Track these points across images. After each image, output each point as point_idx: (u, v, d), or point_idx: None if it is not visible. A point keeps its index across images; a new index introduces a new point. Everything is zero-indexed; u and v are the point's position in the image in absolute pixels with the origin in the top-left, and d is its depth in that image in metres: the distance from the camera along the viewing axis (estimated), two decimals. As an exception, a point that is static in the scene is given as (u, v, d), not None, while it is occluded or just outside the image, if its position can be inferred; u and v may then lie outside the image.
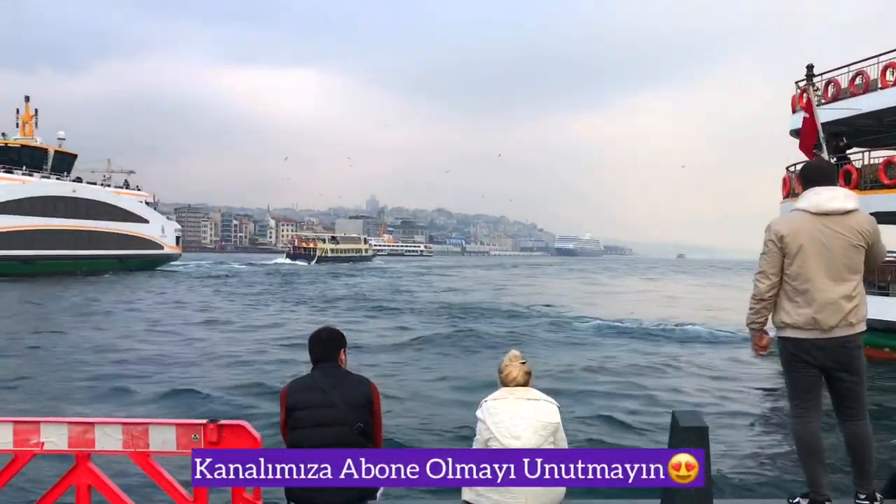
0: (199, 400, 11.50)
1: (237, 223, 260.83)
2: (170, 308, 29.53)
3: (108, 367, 14.82)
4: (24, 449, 3.08)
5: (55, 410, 10.25)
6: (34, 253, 54.66)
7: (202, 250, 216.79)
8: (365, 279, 61.34)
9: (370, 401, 3.73)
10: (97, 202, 63.22)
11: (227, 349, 17.49)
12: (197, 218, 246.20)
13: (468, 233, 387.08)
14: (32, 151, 60.21)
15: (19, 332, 21.13)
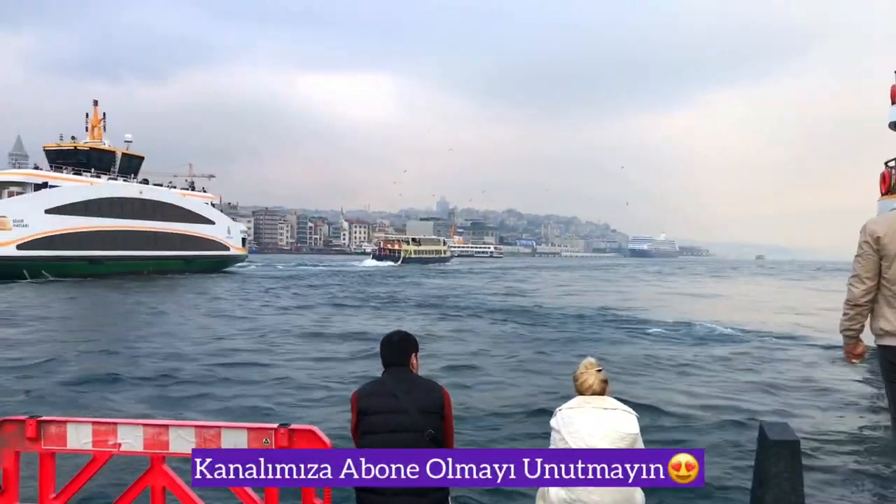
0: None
1: (312, 225, 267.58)
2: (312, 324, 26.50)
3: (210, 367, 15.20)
4: (103, 450, 3.15)
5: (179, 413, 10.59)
6: (102, 253, 56.57)
7: (279, 251, 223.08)
8: (459, 280, 61.37)
9: (441, 407, 3.66)
10: (163, 203, 64.97)
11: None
12: (274, 221, 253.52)
13: (538, 234, 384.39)
14: (101, 154, 62.45)
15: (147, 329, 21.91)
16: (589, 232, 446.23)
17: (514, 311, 28.92)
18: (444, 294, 40.60)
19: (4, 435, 3.19)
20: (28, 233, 50.67)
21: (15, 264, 49.29)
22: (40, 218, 51.58)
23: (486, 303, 33.87)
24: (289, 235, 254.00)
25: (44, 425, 3.19)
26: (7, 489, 3.20)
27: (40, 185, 53.29)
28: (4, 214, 49.74)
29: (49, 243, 51.79)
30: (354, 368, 14.55)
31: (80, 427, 3.19)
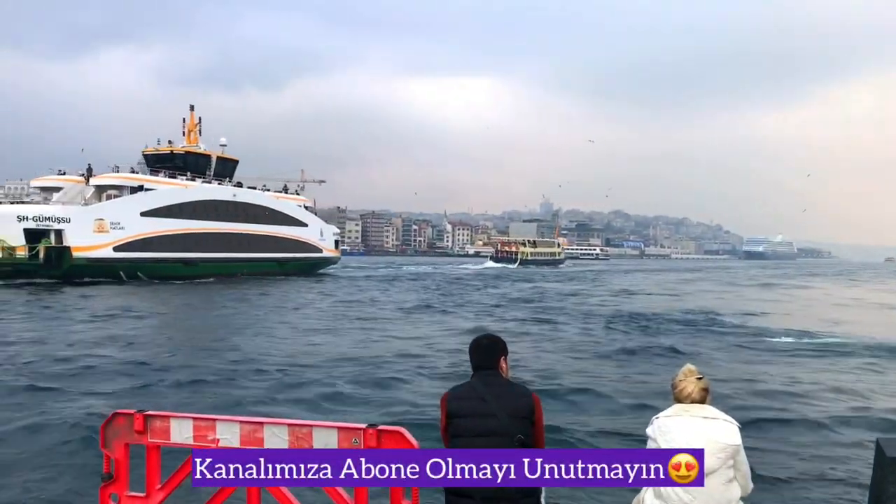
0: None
1: (416, 228, 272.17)
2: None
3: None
4: (202, 444, 3.27)
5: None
6: (196, 255, 58.22)
7: (385, 253, 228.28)
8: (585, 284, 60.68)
9: (532, 412, 3.62)
10: (257, 206, 66.32)
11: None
12: (380, 223, 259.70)
13: (647, 235, 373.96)
14: (197, 157, 64.41)
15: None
16: (700, 233, 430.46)
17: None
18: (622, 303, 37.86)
19: (115, 427, 3.41)
20: (124, 235, 52.88)
21: (112, 265, 51.61)
22: (136, 220, 53.87)
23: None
24: (394, 238, 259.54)
25: (150, 419, 3.38)
26: (118, 478, 3.41)
27: (136, 188, 55.61)
28: (102, 217, 51.99)
29: (144, 245, 54.08)
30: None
31: (182, 422, 3.36)
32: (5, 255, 46.83)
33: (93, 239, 50.66)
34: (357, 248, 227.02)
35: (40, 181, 56.50)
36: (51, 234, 48.59)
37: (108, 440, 3.48)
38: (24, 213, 48.50)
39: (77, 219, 50.27)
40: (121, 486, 3.48)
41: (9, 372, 14.86)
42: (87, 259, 49.98)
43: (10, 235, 47.07)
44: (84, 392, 12.89)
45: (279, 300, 37.69)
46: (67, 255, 48.80)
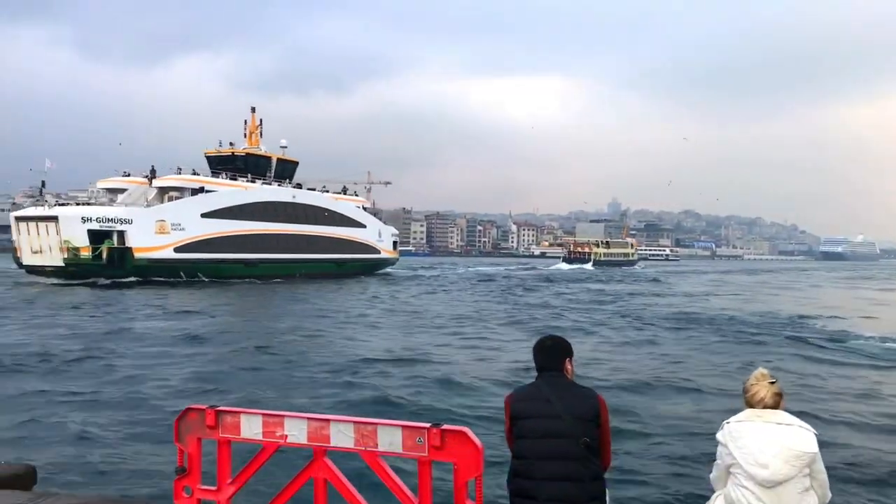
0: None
1: (481, 228, 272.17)
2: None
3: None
4: (271, 440, 3.37)
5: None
6: (255, 256, 59.06)
7: (449, 254, 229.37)
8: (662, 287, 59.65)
9: (597, 415, 3.57)
10: (315, 207, 66.86)
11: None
12: (445, 224, 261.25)
13: (718, 235, 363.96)
14: (257, 159, 65.25)
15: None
16: (774, 233, 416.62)
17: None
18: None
19: (188, 422, 3.51)
20: (185, 236, 53.84)
21: (173, 266, 52.67)
22: (196, 221, 54.78)
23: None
24: (459, 238, 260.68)
25: (221, 415, 3.47)
26: (191, 471, 3.50)
27: (197, 189, 56.63)
28: (163, 218, 53.10)
29: (204, 246, 54.92)
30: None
31: (252, 418, 3.45)
32: (70, 256, 48.24)
33: (154, 240, 51.93)
34: (422, 249, 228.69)
35: (106, 183, 58.05)
36: (114, 235, 50.01)
37: (181, 434, 3.61)
38: (88, 215, 49.76)
39: (139, 220, 51.64)
40: (193, 480, 3.60)
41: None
42: (149, 260, 51.28)
43: (75, 236, 48.48)
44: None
45: (364, 299, 38.04)
46: (129, 255, 50.18)
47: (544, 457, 3.58)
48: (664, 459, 9.13)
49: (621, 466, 8.32)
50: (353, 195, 76.49)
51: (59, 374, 15.52)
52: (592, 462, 3.59)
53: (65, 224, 48.45)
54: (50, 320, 25.59)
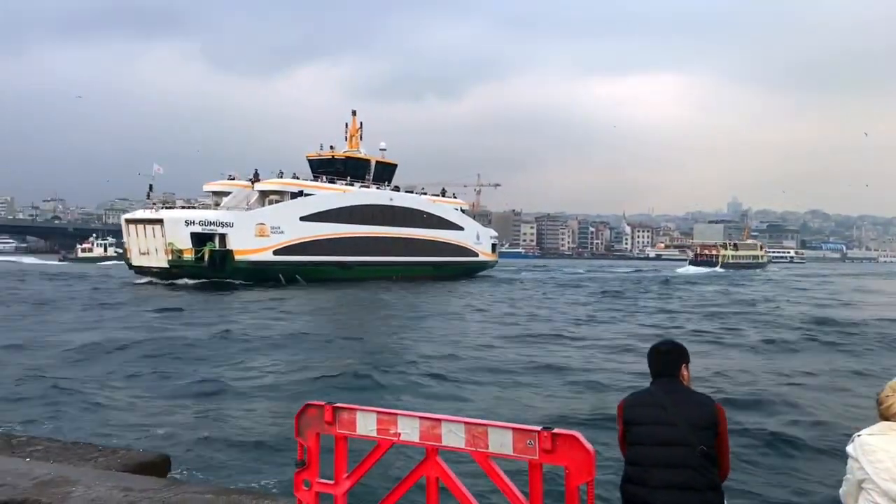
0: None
1: (593, 230, 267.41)
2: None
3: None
4: (385, 437, 3.48)
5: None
6: (352, 259, 59.88)
7: (560, 256, 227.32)
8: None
9: (715, 423, 3.48)
10: (413, 210, 67.18)
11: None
12: (555, 226, 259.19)
13: (849, 236, 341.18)
14: (356, 162, 66.22)
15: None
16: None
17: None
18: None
19: (307, 417, 3.67)
20: (284, 239, 55.13)
21: (272, 268, 53.96)
22: (295, 224, 55.98)
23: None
24: (570, 240, 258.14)
25: (338, 411, 3.60)
26: (310, 465, 3.65)
27: (296, 193, 57.90)
28: (263, 222, 54.43)
29: (303, 249, 56.12)
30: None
31: (367, 415, 3.58)
32: (174, 258, 50.28)
33: (254, 242, 53.33)
34: (532, 251, 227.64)
35: (212, 186, 60.39)
36: (215, 238, 51.68)
37: (301, 429, 3.77)
38: (191, 218, 51.73)
39: (239, 223, 53.14)
40: (312, 473, 3.76)
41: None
42: (249, 262, 52.66)
43: (179, 239, 50.47)
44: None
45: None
46: (230, 258, 51.70)
47: (659, 464, 3.52)
48: (786, 474, 8.69)
49: (738, 479, 7.98)
50: (451, 197, 76.64)
51: (200, 364, 16.58)
52: (710, 471, 3.50)
53: (169, 227, 50.58)
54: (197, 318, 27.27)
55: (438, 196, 74.51)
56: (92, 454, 6.71)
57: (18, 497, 5.18)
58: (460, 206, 76.27)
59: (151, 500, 5.10)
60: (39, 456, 6.52)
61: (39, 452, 6.67)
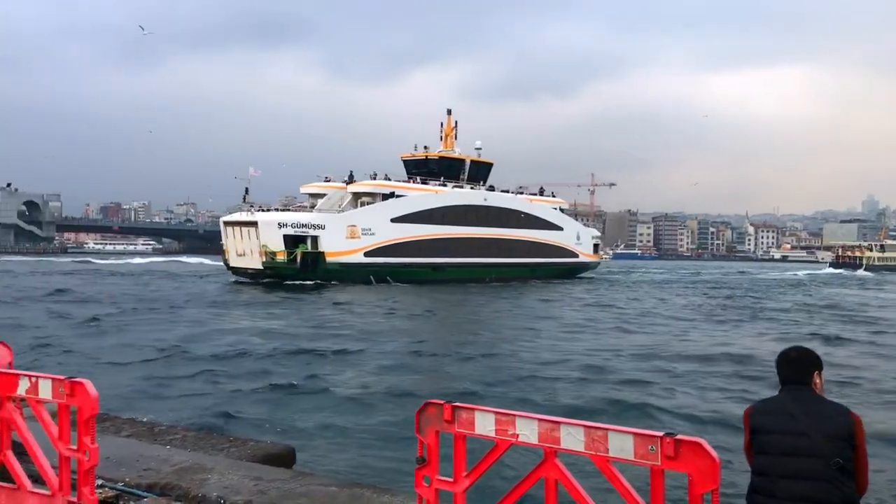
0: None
1: (714, 231, 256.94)
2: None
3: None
4: (503, 438, 3.53)
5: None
6: (444, 260, 59.52)
7: (679, 257, 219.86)
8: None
9: (851, 434, 3.31)
10: (508, 210, 66.17)
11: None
12: (673, 226, 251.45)
13: None
14: (450, 162, 65.85)
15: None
16: None
17: None
18: None
19: (427, 415, 3.77)
20: (375, 240, 55.54)
21: (363, 270, 54.45)
22: (386, 226, 56.26)
23: None
24: (689, 241, 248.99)
25: (457, 410, 3.66)
26: (430, 462, 3.73)
27: (388, 194, 58.19)
28: (354, 223, 55.00)
29: (393, 250, 56.37)
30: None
31: (486, 415, 3.64)
32: (268, 259, 51.25)
33: (345, 244, 53.96)
34: (649, 252, 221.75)
35: (308, 188, 61.69)
36: (307, 240, 52.52)
37: (421, 427, 3.87)
38: (284, 220, 52.79)
39: (331, 225, 53.90)
40: (432, 470, 3.85)
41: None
42: (340, 264, 53.31)
43: (272, 241, 51.40)
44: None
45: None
46: (322, 259, 52.49)
47: (788, 475, 3.40)
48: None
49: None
50: (550, 196, 75.19)
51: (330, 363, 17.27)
52: (846, 485, 3.34)
53: (263, 229, 51.63)
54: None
55: (536, 195, 73.04)
56: (223, 444, 7.18)
57: (161, 481, 5.59)
58: (559, 206, 74.51)
59: (279, 490, 5.39)
60: (177, 444, 7.04)
61: (178, 441, 7.19)
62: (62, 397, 4.49)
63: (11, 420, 4.84)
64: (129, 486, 5.51)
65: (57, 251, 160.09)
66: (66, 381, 4.47)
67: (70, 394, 4.44)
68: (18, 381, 4.72)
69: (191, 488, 5.51)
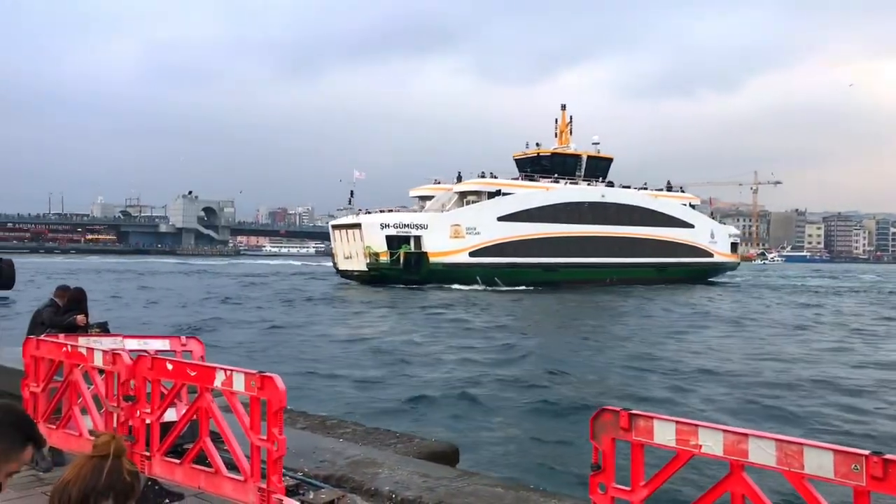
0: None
1: (895, 231, 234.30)
2: None
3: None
4: (685, 448, 3.40)
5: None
6: (556, 260, 57.74)
7: (853, 260, 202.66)
8: None
9: None
10: (629, 206, 63.27)
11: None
12: (847, 226, 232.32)
13: None
14: (564, 158, 63.83)
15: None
16: None
17: None
18: None
19: (602, 422, 3.71)
20: (480, 240, 54.67)
21: (468, 270, 53.69)
22: (492, 225, 55.31)
23: None
24: (866, 242, 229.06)
25: (634, 418, 3.58)
26: (605, 468, 3.66)
27: (494, 193, 57.16)
28: (458, 223, 54.29)
29: (500, 250, 55.25)
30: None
31: (665, 424, 3.54)
32: (371, 261, 51.60)
33: (449, 244, 53.44)
34: (818, 254, 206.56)
35: (417, 191, 61.69)
36: (410, 241, 52.46)
37: (596, 433, 3.81)
38: (386, 221, 52.99)
39: (434, 225, 53.57)
40: (608, 477, 3.77)
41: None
42: (444, 264, 52.88)
43: (375, 242, 51.71)
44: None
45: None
46: (425, 260, 52.27)
47: None
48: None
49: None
50: (678, 191, 71.33)
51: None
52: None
53: (366, 230, 52.13)
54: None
55: (662, 191, 69.19)
56: (391, 440, 7.45)
57: (336, 473, 5.88)
58: (689, 201, 70.25)
59: (447, 488, 5.52)
60: (348, 437, 7.39)
61: (348, 434, 7.55)
62: (253, 390, 4.77)
63: (210, 410, 5.32)
64: (308, 477, 5.84)
65: (231, 253, 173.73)
66: (257, 375, 4.75)
67: (260, 387, 4.71)
68: (215, 374, 5.09)
69: (364, 481, 5.78)
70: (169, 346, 7.06)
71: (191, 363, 5.72)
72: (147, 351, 6.19)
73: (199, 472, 5.31)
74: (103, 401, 5.98)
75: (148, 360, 5.58)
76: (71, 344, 6.38)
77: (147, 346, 6.91)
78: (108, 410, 5.94)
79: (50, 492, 2.25)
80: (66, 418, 6.31)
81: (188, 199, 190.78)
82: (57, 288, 8.57)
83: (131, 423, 5.63)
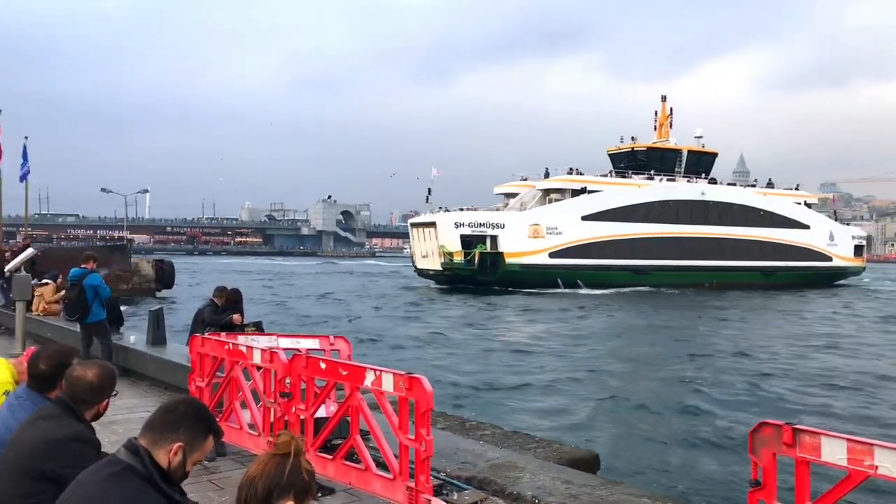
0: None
1: None
2: None
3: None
4: (858, 469, 3.17)
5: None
6: (648, 263, 54.57)
7: None
8: None
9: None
10: (732, 205, 59.04)
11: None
12: None
13: None
14: (662, 153, 60.36)
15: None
16: None
17: None
18: None
19: (762, 436, 3.59)
20: (561, 240, 52.18)
21: (547, 272, 51.43)
22: (575, 225, 52.68)
23: None
24: None
25: (798, 433, 3.38)
26: (766, 485, 3.52)
27: (578, 190, 54.54)
28: (537, 222, 52.01)
29: (584, 251, 52.61)
30: None
31: (835, 442, 3.34)
32: (446, 261, 50.22)
33: (527, 244, 51.16)
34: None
35: (502, 188, 59.92)
36: (486, 240, 50.64)
37: (755, 447, 3.64)
38: (461, 220, 51.22)
39: (511, 224, 51.54)
40: (768, 495, 3.60)
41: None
42: (521, 265, 50.77)
43: (450, 241, 50.19)
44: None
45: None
46: (501, 260, 50.26)
47: None
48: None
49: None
50: (792, 188, 66.51)
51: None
52: None
53: (441, 229, 50.78)
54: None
55: (769, 188, 64.38)
56: (530, 444, 7.48)
57: (478, 475, 5.93)
58: (804, 200, 65.19)
59: (591, 496, 5.46)
60: (488, 440, 7.45)
61: (487, 436, 7.62)
62: (402, 391, 4.92)
63: (360, 408, 5.53)
64: (451, 477, 5.94)
65: (366, 255, 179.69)
66: (406, 376, 4.90)
67: (409, 388, 4.86)
68: (366, 374, 5.25)
69: (506, 485, 5.82)
70: (319, 345, 7.44)
71: (343, 362, 6.00)
72: (300, 349, 6.56)
73: (350, 468, 5.58)
74: (261, 396, 6.42)
75: (303, 358, 5.98)
76: (232, 342, 6.89)
77: (299, 344, 7.34)
78: (265, 406, 6.39)
79: (238, 485, 2.35)
80: (227, 412, 6.88)
81: (327, 203, 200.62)
82: (215, 289, 9.27)
83: (287, 418, 6.05)
